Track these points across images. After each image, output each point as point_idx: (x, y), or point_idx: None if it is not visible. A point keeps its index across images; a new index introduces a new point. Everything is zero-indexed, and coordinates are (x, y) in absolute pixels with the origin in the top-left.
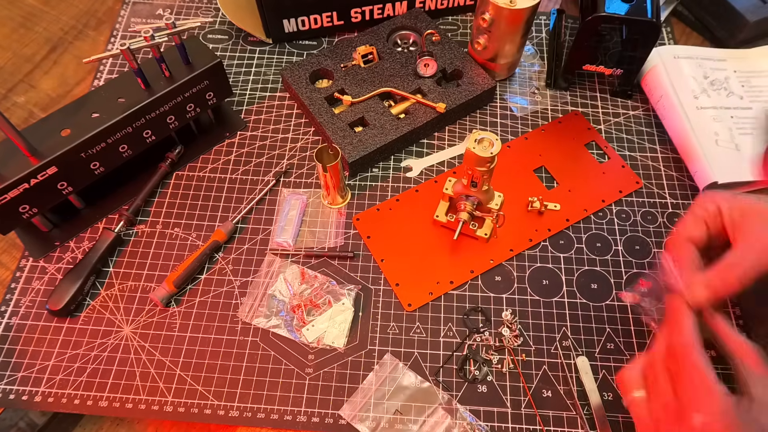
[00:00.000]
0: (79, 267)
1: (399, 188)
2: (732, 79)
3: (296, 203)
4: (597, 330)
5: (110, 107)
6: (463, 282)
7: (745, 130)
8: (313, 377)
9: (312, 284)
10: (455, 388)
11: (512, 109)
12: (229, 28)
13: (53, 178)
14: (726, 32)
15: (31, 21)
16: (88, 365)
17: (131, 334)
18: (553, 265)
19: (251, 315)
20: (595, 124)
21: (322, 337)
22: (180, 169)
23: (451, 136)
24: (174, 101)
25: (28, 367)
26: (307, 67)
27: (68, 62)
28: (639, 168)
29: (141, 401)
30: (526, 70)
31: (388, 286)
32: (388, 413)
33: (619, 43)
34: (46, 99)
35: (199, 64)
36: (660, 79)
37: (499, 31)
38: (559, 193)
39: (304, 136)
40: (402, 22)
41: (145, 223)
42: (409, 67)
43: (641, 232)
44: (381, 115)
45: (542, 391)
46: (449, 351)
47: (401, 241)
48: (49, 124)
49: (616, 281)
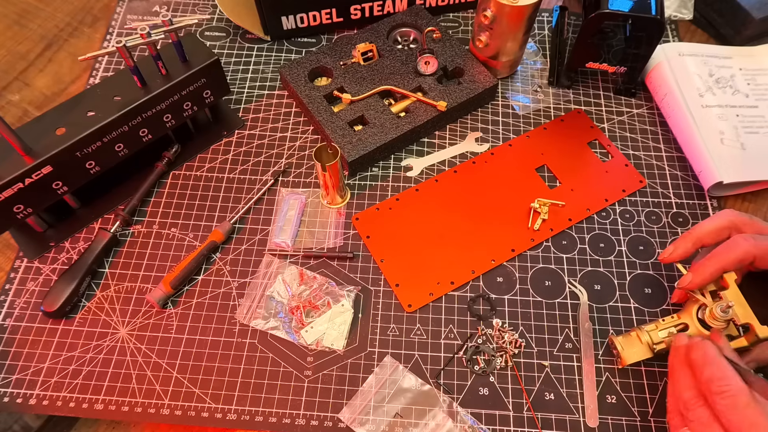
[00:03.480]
0: (75, 268)
1: (399, 188)
2: (738, 77)
3: (295, 203)
4: (600, 332)
5: (106, 105)
6: (464, 282)
7: (751, 128)
8: (312, 380)
9: (311, 285)
10: (456, 391)
11: (514, 108)
12: (227, 26)
13: (48, 178)
14: (731, 29)
15: (26, 18)
16: (84, 368)
17: (127, 336)
18: (556, 265)
19: (249, 316)
20: (599, 123)
21: (321, 338)
22: (177, 168)
23: (452, 134)
24: (171, 99)
25: (22, 369)
26: (306, 64)
27: (63, 60)
28: (643, 167)
29: (137, 404)
30: (528, 67)
31: (388, 287)
32: (389, 416)
33: (622, 40)
34: (41, 97)
35: (196, 62)
36: (664, 76)
37: (501, 28)
38: (561, 193)
39: (302, 134)
40: (402, 19)
41: (142, 224)
42: (409, 64)
43: (645, 233)
44: (381, 114)
45: (545, 394)
46: (450, 353)
47: (401, 241)
48: (43, 122)
49: (619, 282)
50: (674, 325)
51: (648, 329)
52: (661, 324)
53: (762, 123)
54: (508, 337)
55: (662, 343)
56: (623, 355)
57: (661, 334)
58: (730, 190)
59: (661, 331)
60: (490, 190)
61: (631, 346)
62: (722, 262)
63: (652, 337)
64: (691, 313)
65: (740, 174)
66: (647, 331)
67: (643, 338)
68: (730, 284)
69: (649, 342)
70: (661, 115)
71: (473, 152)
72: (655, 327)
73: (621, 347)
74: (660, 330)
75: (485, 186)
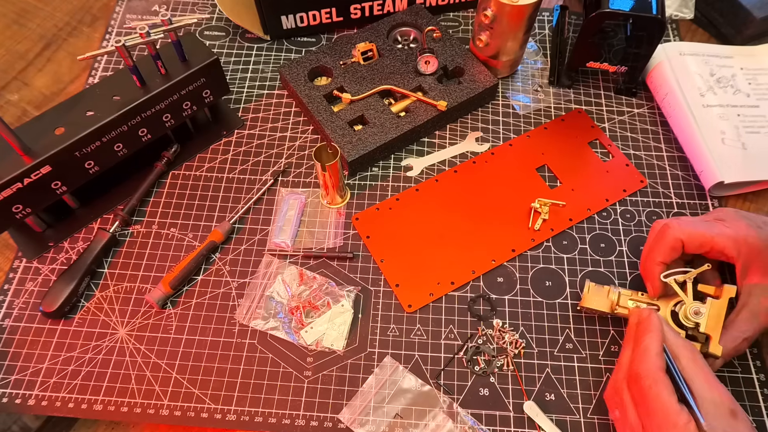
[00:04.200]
0: (74, 268)
1: (399, 187)
2: (739, 77)
3: (294, 203)
4: (601, 332)
5: (105, 105)
6: (465, 283)
7: (752, 128)
8: (312, 380)
9: (311, 285)
10: (456, 392)
11: (514, 107)
12: (226, 25)
13: (47, 178)
14: (732, 29)
15: (25, 17)
16: (83, 368)
17: (126, 337)
18: (556, 266)
19: (249, 317)
20: (599, 123)
21: (321, 339)
22: (176, 168)
23: (452, 134)
24: (170, 99)
25: (21, 369)
26: (306, 64)
27: (62, 59)
28: (644, 167)
29: (136, 405)
30: (528, 67)
31: (388, 287)
32: (388, 417)
33: (623, 39)
34: (40, 97)
35: (195, 62)
36: (665, 76)
37: (502, 27)
38: (562, 192)
39: (302, 134)
40: (402, 18)
41: (141, 224)
42: (409, 64)
43: (646, 233)
44: (381, 114)
45: (545, 395)
46: (450, 353)
47: (401, 241)
48: (42, 122)
49: (620, 282)
50: (647, 302)
51: (622, 292)
52: (636, 295)
53: (763, 123)
54: (509, 338)
55: (624, 309)
56: (585, 297)
57: (630, 303)
58: (731, 189)
59: (630, 300)
60: (490, 190)
61: (597, 295)
62: (659, 257)
63: (619, 300)
64: (668, 303)
65: (741, 174)
66: (619, 292)
67: (612, 296)
68: (723, 296)
69: (614, 301)
70: (662, 114)
71: (473, 152)
72: (630, 294)
73: (587, 290)
74: (631, 298)
75: (485, 186)
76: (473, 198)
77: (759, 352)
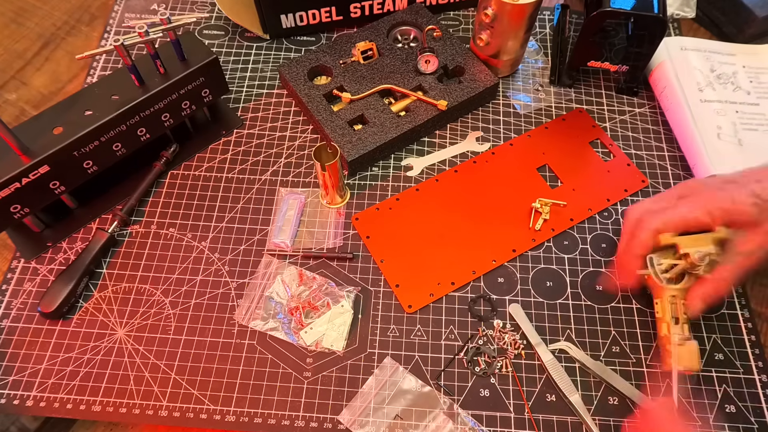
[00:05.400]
0: (72, 268)
1: (399, 187)
2: (740, 74)
3: (294, 203)
4: (602, 333)
5: (104, 105)
6: (465, 283)
7: (750, 126)
8: (312, 381)
9: (310, 286)
10: (457, 393)
11: (515, 107)
12: (226, 24)
13: (45, 177)
14: (734, 28)
15: (23, 16)
16: (81, 369)
17: (125, 337)
18: (557, 266)
19: (248, 317)
20: (600, 122)
21: (321, 339)
22: (175, 167)
23: (452, 134)
24: (169, 98)
25: (19, 370)
26: (306, 63)
27: (61, 58)
28: (645, 167)
29: (135, 406)
30: (529, 66)
31: (388, 288)
32: (389, 418)
33: (624, 39)
34: (38, 96)
35: (194, 61)
36: (666, 72)
37: (502, 26)
38: (563, 192)
39: (302, 134)
40: (402, 17)
41: (140, 224)
42: (409, 63)
43: None
44: (381, 113)
45: (545, 396)
46: (451, 354)
47: (401, 241)
48: (40, 121)
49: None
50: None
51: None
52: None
53: (762, 121)
54: (508, 338)
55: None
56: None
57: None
58: None
59: (665, 261)
60: (491, 189)
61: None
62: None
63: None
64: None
65: (734, 169)
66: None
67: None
68: (662, 241)
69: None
70: (663, 114)
71: (474, 152)
72: (659, 257)
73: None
74: (664, 260)
75: (486, 186)
76: (474, 198)
77: (761, 353)
